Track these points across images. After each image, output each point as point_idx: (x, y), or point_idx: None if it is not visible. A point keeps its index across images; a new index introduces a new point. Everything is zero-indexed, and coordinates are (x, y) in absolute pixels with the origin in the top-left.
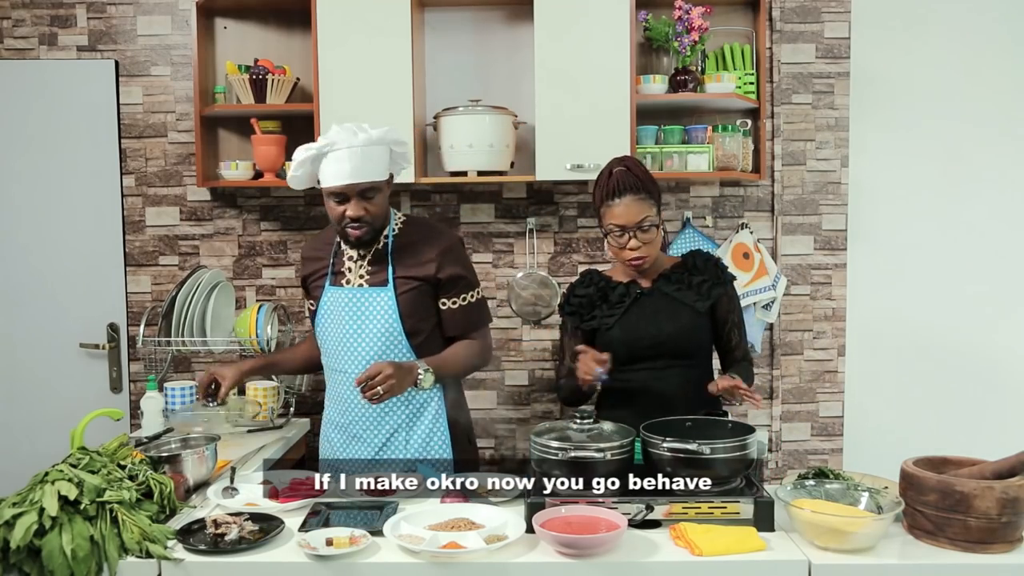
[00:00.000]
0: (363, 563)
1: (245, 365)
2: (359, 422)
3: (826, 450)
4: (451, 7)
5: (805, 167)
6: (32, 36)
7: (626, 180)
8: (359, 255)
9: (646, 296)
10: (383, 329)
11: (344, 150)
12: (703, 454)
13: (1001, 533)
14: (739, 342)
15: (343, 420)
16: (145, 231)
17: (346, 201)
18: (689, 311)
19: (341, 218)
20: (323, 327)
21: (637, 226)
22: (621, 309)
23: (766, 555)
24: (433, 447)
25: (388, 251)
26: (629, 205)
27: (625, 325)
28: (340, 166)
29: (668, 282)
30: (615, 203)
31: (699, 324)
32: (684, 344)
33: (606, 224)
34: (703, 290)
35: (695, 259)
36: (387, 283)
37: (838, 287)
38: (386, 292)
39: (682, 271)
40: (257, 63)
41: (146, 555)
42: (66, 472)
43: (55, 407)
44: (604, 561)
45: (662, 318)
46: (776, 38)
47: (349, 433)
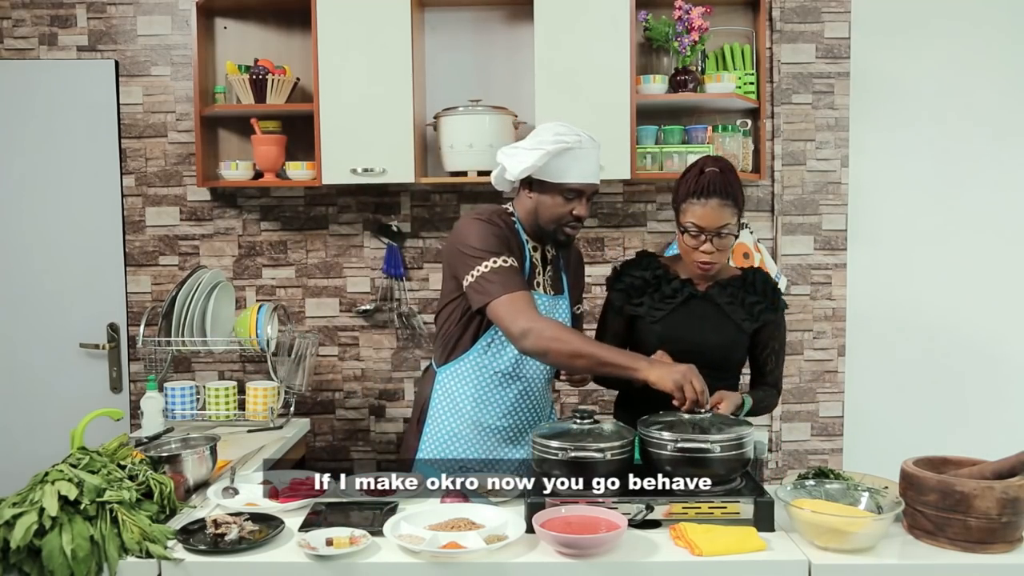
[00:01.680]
0: (363, 563)
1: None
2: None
3: (826, 450)
4: (451, 7)
5: (805, 167)
6: (32, 36)
7: (717, 183)
8: (544, 260)
9: (697, 299)
10: None
11: (590, 150)
12: (702, 451)
13: (1001, 533)
14: (773, 369)
15: (503, 424)
16: (145, 231)
17: (578, 199)
18: (734, 327)
19: (564, 216)
20: None
21: (716, 232)
22: (671, 306)
23: (766, 555)
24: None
25: (559, 259)
26: (714, 209)
27: (669, 324)
28: (586, 166)
29: (723, 293)
30: (699, 203)
31: (740, 341)
32: (721, 358)
33: (684, 221)
34: (754, 312)
35: (755, 278)
36: (563, 291)
37: (838, 287)
38: (564, 301)
39: (739, 286)
40: (257, 63)
41: (146, 555)
42: (66, 472)
43: (55, 407)
44: (604, 561)
45: (707, 327)
46: (776, 38)
47: (505, 437)
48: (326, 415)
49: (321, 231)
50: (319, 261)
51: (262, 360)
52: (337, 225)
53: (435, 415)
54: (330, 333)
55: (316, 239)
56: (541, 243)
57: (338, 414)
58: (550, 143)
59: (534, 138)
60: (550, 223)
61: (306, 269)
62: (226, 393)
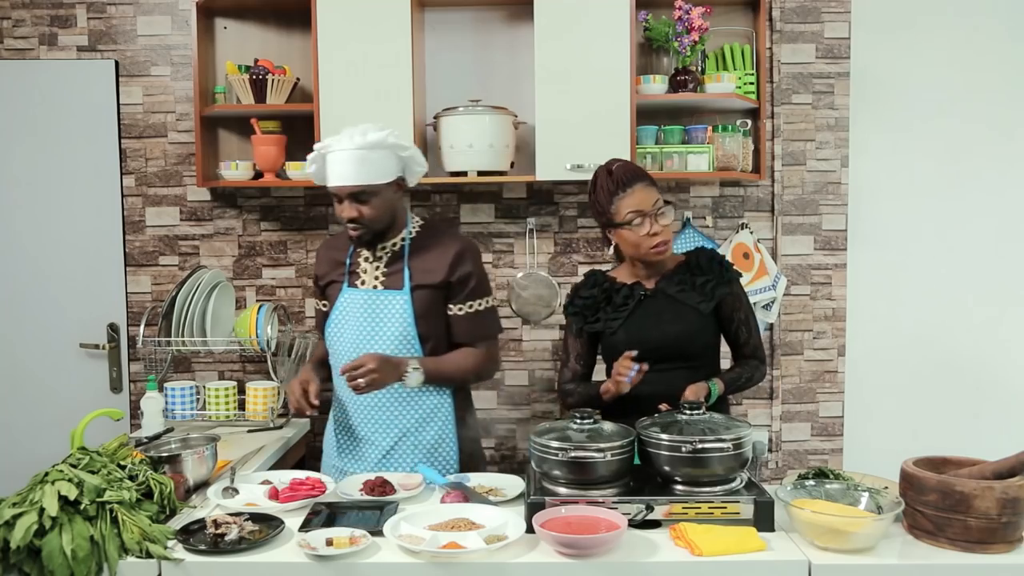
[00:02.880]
0: (363, 563)
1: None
2: (367, 424)
3: (826, 450)
4: (451, 7)
5: (805, 167)
6: (32, 36)
7: (630, 171)
8: (374, 256)
9: (650, 298)
10: (397, 332)
11: (340, 152)
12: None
13: (1001, 533)
14: (748, 339)
15: (350, 422)
16: (145, 231)
17: (340, 203)
18: (693, 312)
19: (342, 219)
20: (336, 328)
21: (655, 211)
22: (625, 312)
23: (766, 555)
24: (441, 453)
25: (404, 254)
26: (642, 191)
27: (630, 328)
28: (335, 168)
29: (671, 283)
30: (629, 192)
31: (704, 325)
32: (689, 346)
33: (624, 215)
34: (707, 291)
35: (698, 258)
36: (402, 286)
37: (838, 287)
38: (401, 295)
39: (685, 271)
40: (257, 63)
41: (146, 555)
42: (66, 472)
43: (55, 407)
44: (604, 561)
45: (666, 320)
46: (776, 38)
47: (355, 435)
48: (326, 415)
49: (321, 231)
50: None
51: (262, 360)
52: (337, 225)
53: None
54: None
55: (316, 239)
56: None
57: None
58: (312, 154)
59: None
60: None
61: (306, 269)
62: (226, 393)
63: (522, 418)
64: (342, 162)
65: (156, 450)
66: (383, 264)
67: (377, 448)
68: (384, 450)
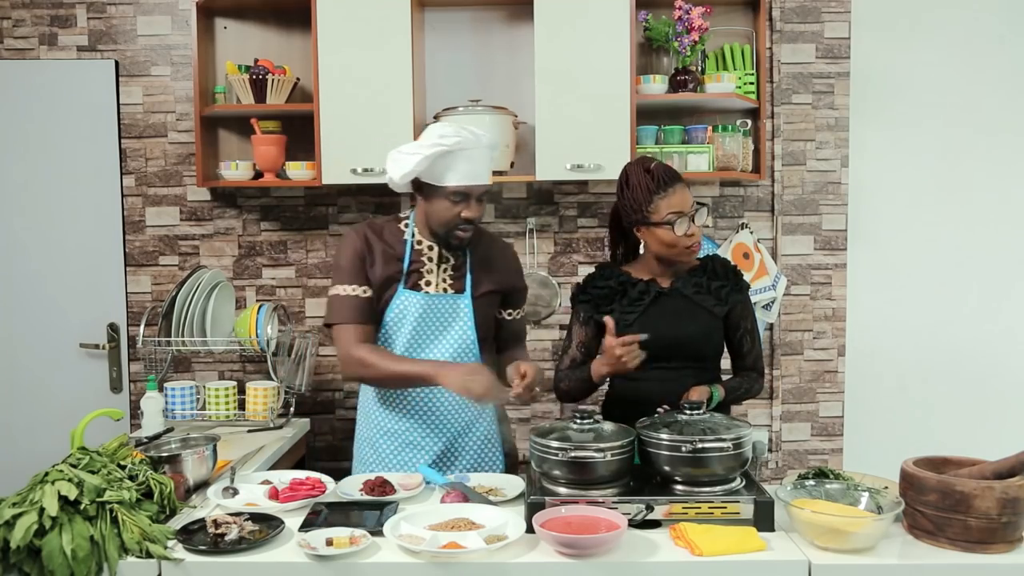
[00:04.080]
0: (363, 563)
1: (444, 364)
2: (417, 429)
3: (826, 450)
4: (451, 7)
5: (805, 167)
6: (32, 36)
7: (670, 171)
8: (441, 259)
9: (665, 296)
10: (459, 337)
11: (473, 150)
12: (698, 450)
13: (1001, 533)
14: (750, 349)
15: (398, 427)
16: (145, 231)
17: (465, 202)
18: (707, 314)
19: (453, 219)
20: (390, 329)
21: (693, 211)
22: (641, 307)
23: (766, 555)
24: (487, 456)
25: (467, 259)
26: (682, 191)
27: (644, 324)
28: (470, 166)
29: (688, 284)
30: (670, 192)
31: (716, 328)
32: (701, 347)
33: (664, 215)
34: (721, 295)
35: (714, 264)
36: (464, 291)
37: (838, 287)
38: (464, 300)
39: (701, 274)
40: (257, 63)
41: (146, 555)
42: (66, 472)
43: (55, 407)
44: (604, 561)
45: (682, 319)
46: (776, 38)
47: (404, 440)
48: (326, 415)
49: (321, 231)
50: (319, 261)
51: (262, 360)
52: (337, 225)
53: (358, 426)
54: (330, 333)
55: (316, 239)
56: (440, 242)
57: (338, 414)
58: (428, 147)
59: (419, 141)
60: (440, 227)
61: (306, 269)
62: (226, 393)
63: (522, 418)
64: (476, 160)
65: (156, 450)
66: (450, 267)
67: (428, 453)
68: (436, 454)
